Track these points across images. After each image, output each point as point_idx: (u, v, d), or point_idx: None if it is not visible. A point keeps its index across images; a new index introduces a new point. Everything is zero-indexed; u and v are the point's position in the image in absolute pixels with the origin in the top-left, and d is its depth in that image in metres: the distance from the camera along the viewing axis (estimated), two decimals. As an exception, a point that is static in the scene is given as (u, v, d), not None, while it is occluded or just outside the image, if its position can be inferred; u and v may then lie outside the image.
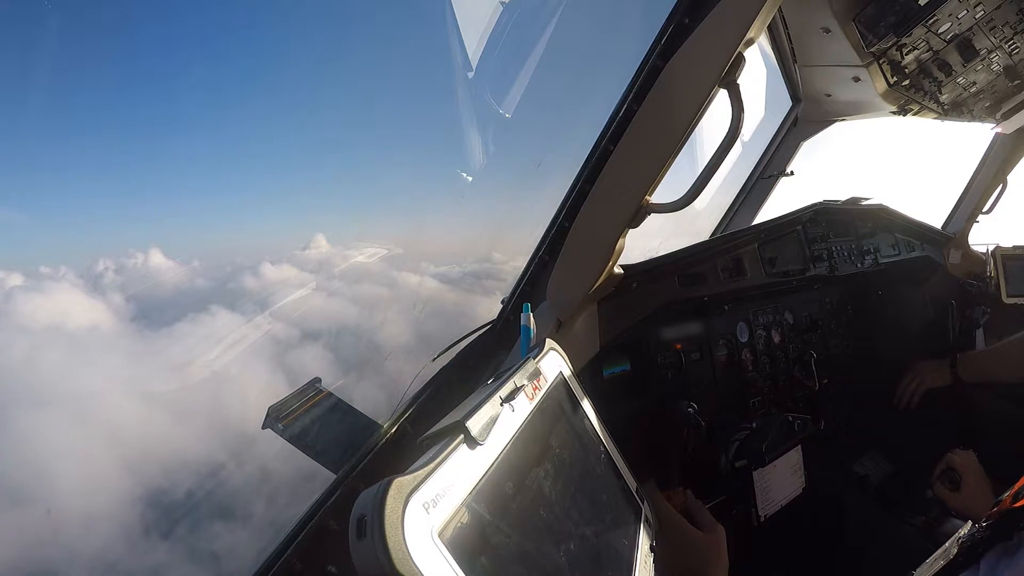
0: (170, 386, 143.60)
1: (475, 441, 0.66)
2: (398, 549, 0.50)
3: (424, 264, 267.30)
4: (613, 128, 1.34)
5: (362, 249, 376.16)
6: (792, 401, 2.14)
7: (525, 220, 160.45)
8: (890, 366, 2.44)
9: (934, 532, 1.87)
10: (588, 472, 0.96)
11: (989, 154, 2.89)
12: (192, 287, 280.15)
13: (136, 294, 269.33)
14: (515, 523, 0.69)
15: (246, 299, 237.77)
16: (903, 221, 2.66)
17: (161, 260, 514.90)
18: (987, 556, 0.72)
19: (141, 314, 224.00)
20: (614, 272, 1.46)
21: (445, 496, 0.58)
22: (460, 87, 38.95)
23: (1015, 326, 2.42)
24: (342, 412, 1.43)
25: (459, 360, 1.54)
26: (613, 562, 0.90)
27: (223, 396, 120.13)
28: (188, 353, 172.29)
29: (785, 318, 2.21)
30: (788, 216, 2.16)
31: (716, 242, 1.94)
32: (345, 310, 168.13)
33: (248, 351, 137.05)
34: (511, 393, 0.79)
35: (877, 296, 2.58)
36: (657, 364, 1.78)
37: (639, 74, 1.28)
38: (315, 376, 1.50)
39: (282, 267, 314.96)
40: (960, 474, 1.68)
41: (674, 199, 1.16)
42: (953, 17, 1.65)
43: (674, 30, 1.20)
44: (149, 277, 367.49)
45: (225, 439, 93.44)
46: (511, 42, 3.72)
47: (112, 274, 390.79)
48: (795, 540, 1.75)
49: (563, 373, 1.00)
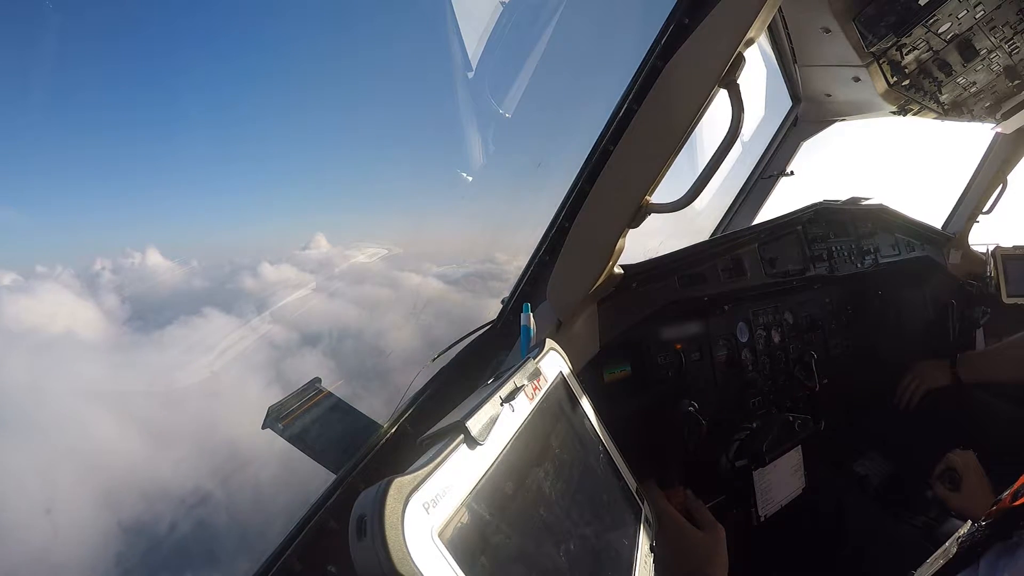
0: (150, 401, 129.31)
1: (475, 441, 0.66)
2: (398, 549, 0.50)
3: (426, 264, 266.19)
4: (613, 128, 1.34)
5: (363, 249, 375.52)
6: (792, 401, 2.14)
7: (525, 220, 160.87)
8: (890, 366, 2.44)
9: (934, 532, 1.87)
10: (588, 472, 0.96)
11: (989, 154, 2.88)
12: (189, 288, 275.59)
13: (131, 295, 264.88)
14: (515, 523, 0.69)
15: (244, 300, 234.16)
16: (903, 221, 2.66)
17: (159, 260, 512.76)
18: (986, 555, 0.72)
19: (135, 315, 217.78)
20: (614, 272, 1.46)
21: (445, 496, 0.58)
22: (460, 87, 38.17)
23: (1015, 326, 2.42)
24: (342, 412, 1.43)
25: (459, 360, 1.54)
26: (613, 562, 0.90)
27: (212, 410, 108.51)
28: (175, 361, 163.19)
29: (785, 318, 2.21)
30: (788, 216, 2.16)
31: (716, 242, 1.94)
32: (345, 311, 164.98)
33: (243, 356, 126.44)
34: (511, 393, 0.79)
35: (877, 296, 2.58)
36: (657, 364, 1.78)
37: (639, 74, 1.29)
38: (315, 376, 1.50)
39: (281, 267, 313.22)
40: (960, 474, 1.68)
41: (674, 199, 1.17)
42: (953, 17, 1.65)
43: (674, 30, 1.20)
44: (146, 277, 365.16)
45: (213, 462, 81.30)
46: (511, 42, 3.72)
47: (109, 274, 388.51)
48: (795, 540, 1.75)
49: (563, 373, 1.00)
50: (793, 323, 2.24)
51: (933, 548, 0.83)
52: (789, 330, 2.21)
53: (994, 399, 2.27)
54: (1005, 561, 0.69)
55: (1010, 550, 0.70)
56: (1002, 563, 0.70)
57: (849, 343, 2.45)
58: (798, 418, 1.79)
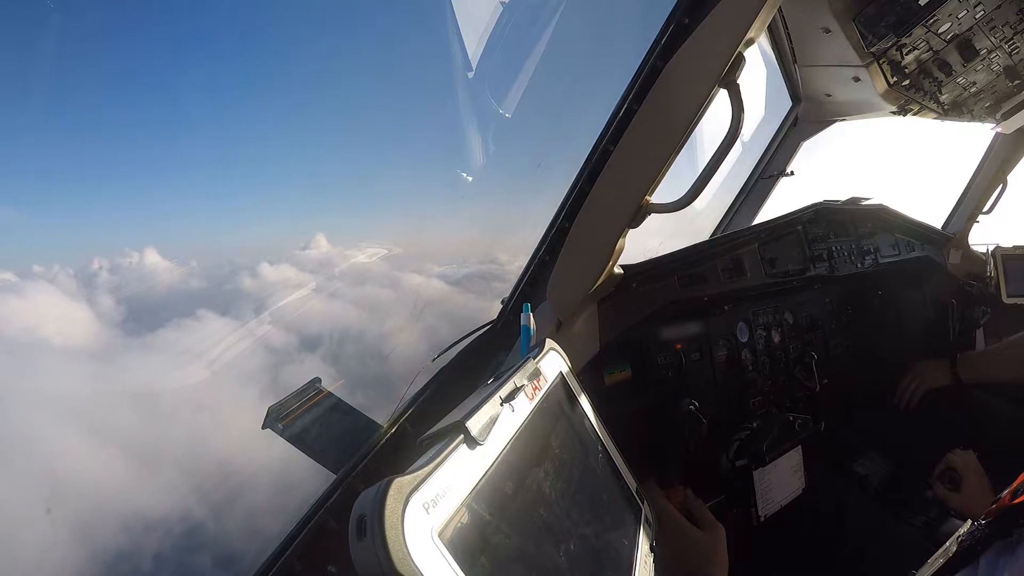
0: (133, 414, 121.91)
1: (475, 441, 0.66)
2: (398, 549, 0.50)
3: (428, 265, 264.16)
4: (613, 128, 1.34)
5: (364, 249, 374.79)
6: (792, 401, 2.14)
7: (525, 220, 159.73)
8: (890, 366, 2.44)
9: (934, 532, 1.87)
10: (588, 472, 0.96)
11: (989, 154, 2.88)
12: (187, 288, 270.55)
13: (126, 296, 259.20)
14: (515, 523, 0.69)
15: (243, 302, 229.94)
16: (903, 221, 2.66)
17: (157, 260, 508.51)
18: (986, 553, 0.72)
19: (131, 316, 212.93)
20: (614, 272, 1.46)
21: (445, 496, 0.58)
22: (460, 87, 37.53)
23: (1015, 326, 2.42)
24: (342, 412, 1.43)
25: (459, 360, 1.54)
26: (613, 562, 0.90)
27: (198, 424, 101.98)
28: (165, 366, 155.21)
29: (785, 318, 2.21)
30: (788, 216, 2.16)
31: (716, 242, 1.94)
32: (345, 313, 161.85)
33: (239, 362, 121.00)
34: (511, 393, 0.79)
35: (877, 296, 2.58)
36: (657, 364, 1.78)
37: (639, 74, 1.29)
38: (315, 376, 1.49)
39: (281, 267, 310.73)
40: (960, 474, 1.68)
41: (674, 199, 1.17)
42: (953, 17, 1.65)
43: (674, 30, 1.20)
44: (145, 278, 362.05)
45: (196, 489, 74.28)
46: (511, 42, 3.71)
47: (106, 273, 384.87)
48: (795, 540, 1.75)
49: (563, 373, 1.00)
50: (793, 323, 2.24)
51: (933, 548, 0.83)
52: (789, 330, 2.21)
53: (994, 399, 2.27)
54: (1005, 559, 0.70)
55: (1010, 548, 0.70)
56: (1002, 561, 0.70)
57: (849, 343, 2.45)
58: (798, 418, 1.79)
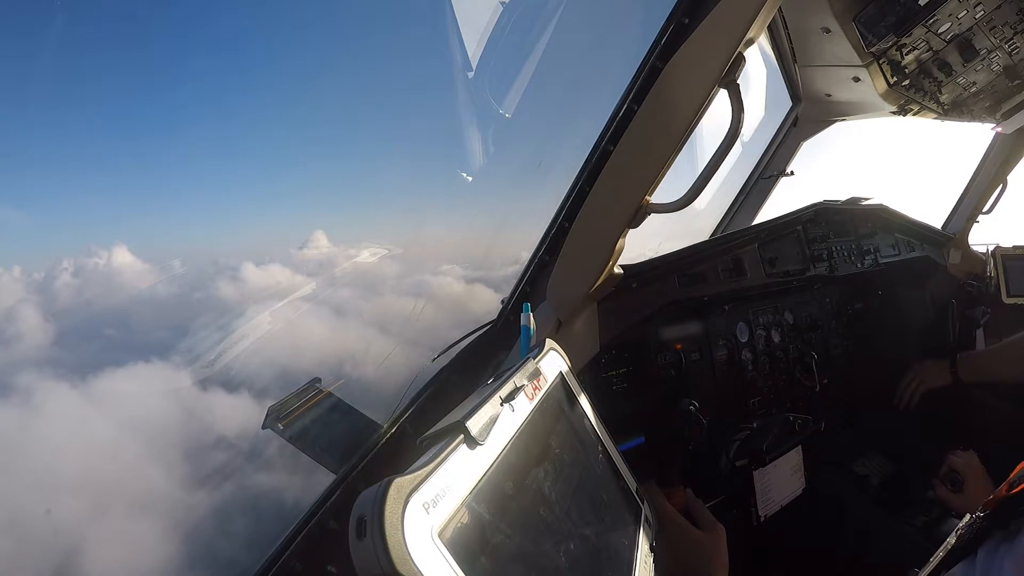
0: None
1: (475, 441, 0.66)
2: (398, 549, 0.50)
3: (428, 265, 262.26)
4: (613, 128, 1.34)
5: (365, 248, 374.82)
6: (792, 401, 2.14)
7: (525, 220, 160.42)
8: (890, 366, 2.44)
9: (934, 532, 1.87)
10: (588, 472, 0.96)
11: (989, 154, 2.88)
12: (158, 296, 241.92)
13: (70, 308, 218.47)
14: (515, 523, 0.69)
15: (230, 314, 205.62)
16: (903, 221, 2.66)
17: (128, 260, 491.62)
18: (985, 544, 0.73)
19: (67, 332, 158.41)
20: (614, 272, 1.46)
21: (445, 496, 0.58)
22: (460, 87, 37.05)
23: (1015, 326, 2.42)
24: (342, 412, 1.43)
25: (459, 360, 1.54)
26: (613, 562, 0.90)
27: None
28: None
29: (785, 318, 2.21)
30: (788, 216, 2.17)
31: (716, 242, 1.94)
32: (347, 316, 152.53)
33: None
34: (511, 393, 0.79)
35: (877, 296, 2.58)
36: (657, 364, 1.78)
37: (639, 74, 1.28)
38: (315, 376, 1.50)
39: (271, 267, 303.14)
40: (962, 475, 1.67)
41: (674, 199, 1.17)
42: (953, 17, 1.65)
43: (674, 30, 1.20)
44: (110, 278, 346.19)
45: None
46: (511, 42, 3.75)
47: (68, 276, 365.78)
48: (795, 540, 1.75)
49: (563, 373, 1.00)
50: (793, 323, 2.24)
51: (933, 548, 0.83)
52: (789, 330, 2.21)
53: (994, 399, 2.27)
54: (1005, 549, 0.70)
55: (1009, 538, 0.70)
56: (1002, 550, 0.70)
57: (849, 343, 2.45)
58: (798, 418, 1.79)
